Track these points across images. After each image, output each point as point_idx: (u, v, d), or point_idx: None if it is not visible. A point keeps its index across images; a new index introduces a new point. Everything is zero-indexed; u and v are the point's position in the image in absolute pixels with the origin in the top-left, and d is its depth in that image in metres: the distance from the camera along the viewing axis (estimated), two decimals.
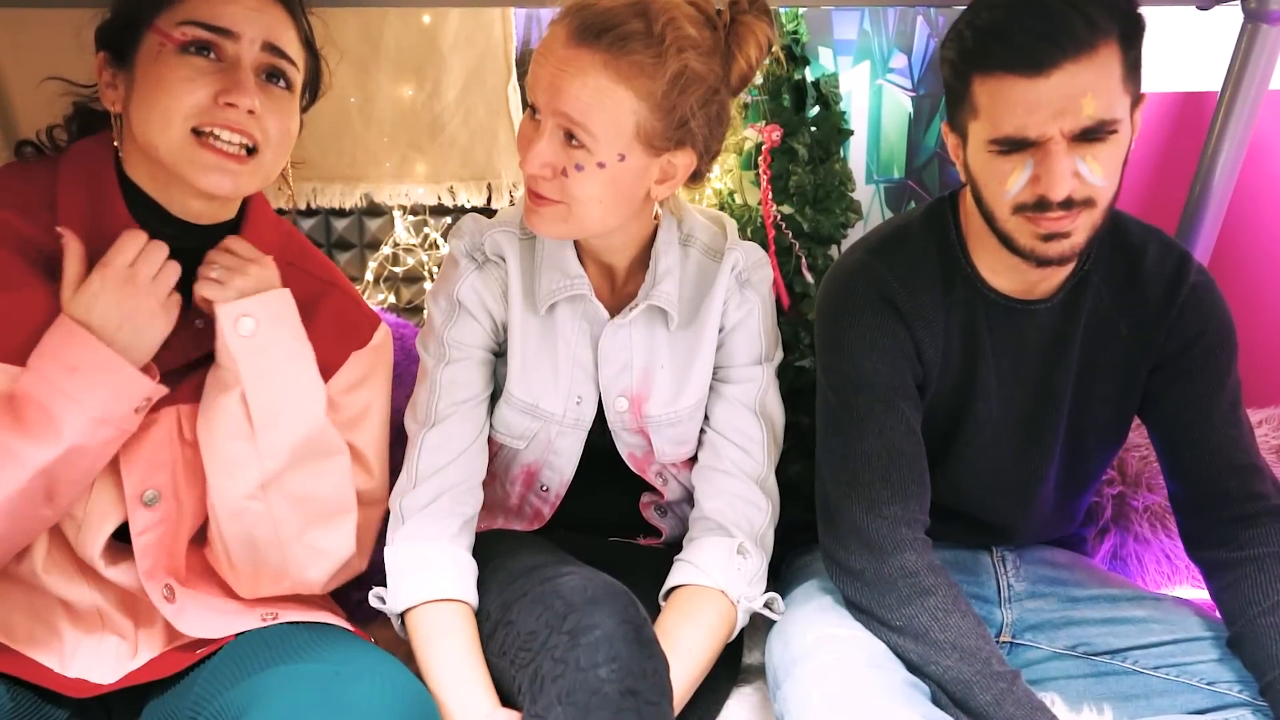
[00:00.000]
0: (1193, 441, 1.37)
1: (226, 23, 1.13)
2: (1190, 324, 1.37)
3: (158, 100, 1.12)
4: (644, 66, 1.18)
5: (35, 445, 1.06)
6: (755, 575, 1.36)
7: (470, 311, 1.37)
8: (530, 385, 1.39)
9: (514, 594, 1.24)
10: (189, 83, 1.11)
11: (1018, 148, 1.20)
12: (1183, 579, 1.72)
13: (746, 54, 1.26)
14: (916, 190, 2.11)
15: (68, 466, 1.08)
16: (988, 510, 1.47)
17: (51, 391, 1.06)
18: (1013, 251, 1.27)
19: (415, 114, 1.89)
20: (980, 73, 1.20)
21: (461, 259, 1.38)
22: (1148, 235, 1.40)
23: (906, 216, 1.44)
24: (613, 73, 1.18)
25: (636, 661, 1.09)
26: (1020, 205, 1.23)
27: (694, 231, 1.42)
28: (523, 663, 1.15)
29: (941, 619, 1.25)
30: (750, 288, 1.42)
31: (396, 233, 1.98)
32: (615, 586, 1.17)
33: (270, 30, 1.16)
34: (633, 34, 1.18)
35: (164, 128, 1.12)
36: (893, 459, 1.33)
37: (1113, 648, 1.37)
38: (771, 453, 1.42)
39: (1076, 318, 1.37)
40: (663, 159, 1.26)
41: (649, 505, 1.52)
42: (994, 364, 1.38)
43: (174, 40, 1.12)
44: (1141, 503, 1.74)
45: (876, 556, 1.30)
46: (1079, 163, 1.19)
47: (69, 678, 1.15)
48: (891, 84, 2.06)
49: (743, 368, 1.43)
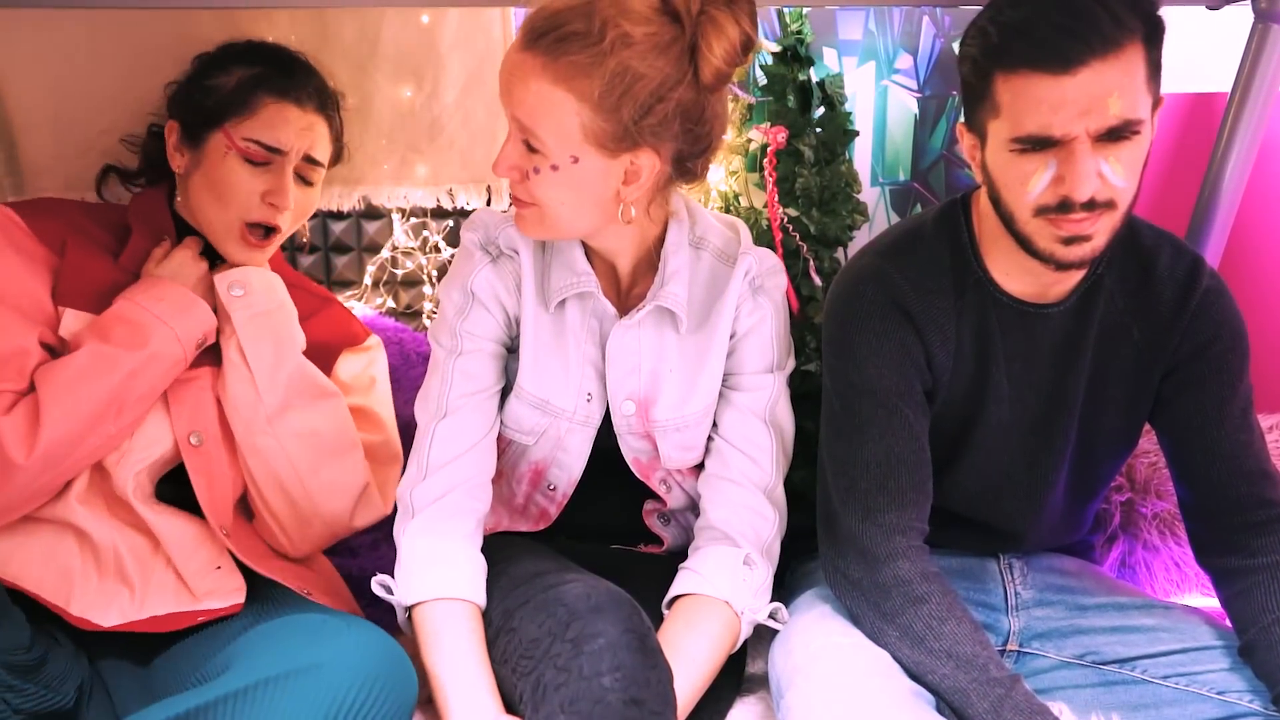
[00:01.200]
0: (1204, 447, 1.37)
1: (281, 144, 1.45)
2: (1203, 329, 1.37)
3: (219, 193, 1.45)
4: (581, 67, 1.19)
5: (127, 352, 1.35)
6: (761, 587, 1.36)
7: (484, 304, 1.38)
8: (542, 380, 1.39)
9: (516, 601, 1.24)
10: (245, 186, 1.44)
11: (1041, 147, 1.20)
12: (1192, 587, 1.72)
13: (714, 50, 1.21)
14: (922, 193, 2.10)
15: (142, 377, 1.36)
16: (996, 516, 1.47)
17: (141, 313, 1.38)
18: (1031, 254, 1.27)
19: (414, 115, 1.89)
20: (1004, 70, 1.20)
21: (476, 251, 1.39)
22: (1161, 239, 1.39)
23: (918, 219, 1.44)
24: (551, 75, 1.20)
25: (640, 671, 1.09)
26: (1042, 207, 1.22)
27: (707, 235, 1.42)
28: (525, 670, 1.15)
29: (936, 627, 1.25)
30: (764, 294, 1.42)
31: (395, 236, 1.98)
32: (619, 594, 1.17)
33: (311, 145, 1.48)
34: (570, 35, 1.19)
35: (219, 214, 1.46)
36: (892, 466, 1.33)
37: (1121, 657, 1.37)
38: (780, 463, 1.42)
39: (1089, 322, 1.37)
40: (622, 160, 1.25)
41: (652, 513, 1.52)
42: (1005, 368, 1.38)
43: (238, 149, 1.44)
44: (1150, 509, 1.74)
45: (871, 565, 1.30)
46: (1102, 163, 1.19)
47: (74, 614, 1.33)
48: (897, 85, 2.06)
49: (753, 375, 1.42)
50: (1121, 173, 1.20)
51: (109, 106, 1.68)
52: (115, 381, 1.34)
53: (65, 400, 1.32)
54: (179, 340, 1.39)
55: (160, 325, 1.38)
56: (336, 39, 1.82)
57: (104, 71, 1.70)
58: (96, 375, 1.33)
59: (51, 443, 1.30)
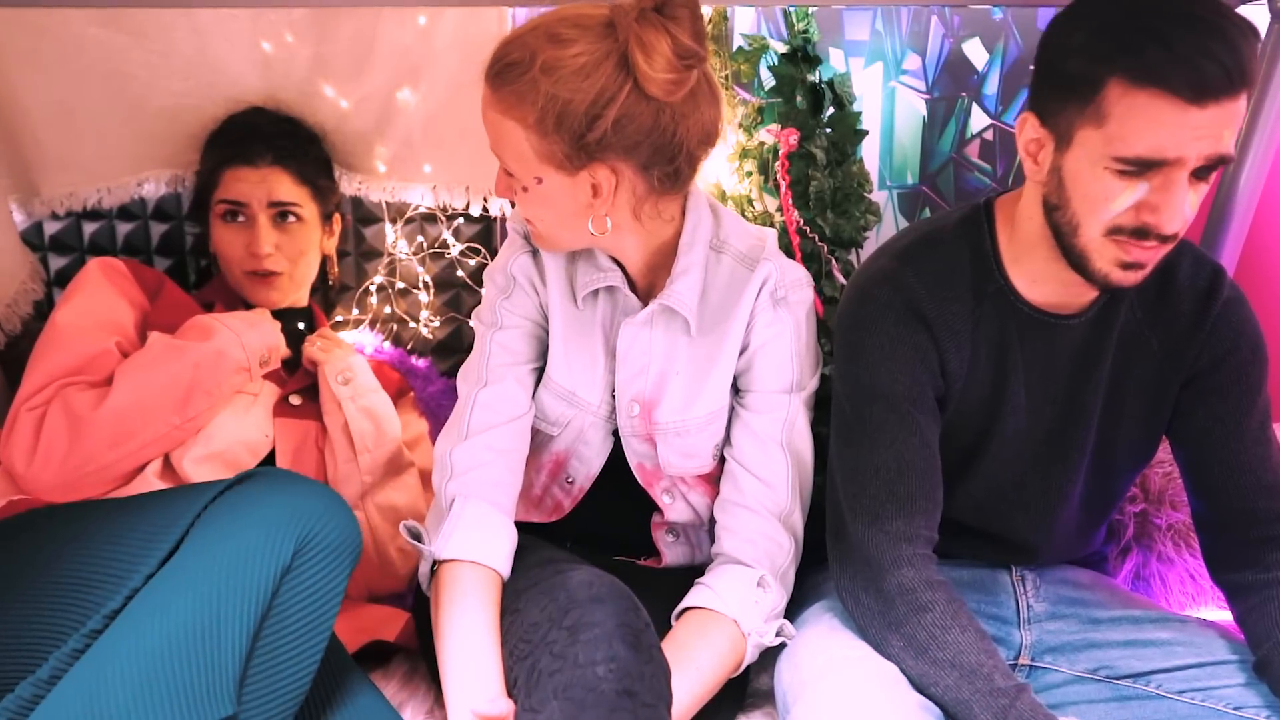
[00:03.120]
0: (1221, 459, 1.37)
1: (240, 197, 1.73)
2: (1222, 340, 1.36)
3: (220, 254, 1.77)
4: (520, 95, 1.25)
5: (194, 344, 1.59)
6: (771, 611, 1.36)
7: (523, 286, 1.44)
8: (571, 372, 1.43)
9: (527, 582, 1.28)
10: (230, 244, 1.74)
11: (1144, 170, 1.15)
12: (1208, 600, 1.72)
13: (649, 62, 1.22)
14: (930, 197, 2.10)
15: (205, 369, 1.58)
16: (1008, 528, 1.47)
17: (212, 320, 1.64)
18: (1079, 270, 1.25)
19: (409, 116, 1.89)
20: (1128, 78, 1.12)
21: (518, 239, 1.47)
22: (1181, 249, 1.38)
23: (939, 221, 1.43)
24: (499, 106, 1.28)
25: (635, 664, 1.10)
26: (1117, 228, 1.19)
27: (729, 239, 1.43)
28: (521, 654, 1.18)
29: (939, 635, 1.25)
30: (785, 307, 1.42)
31: (389, 241, 1.99)
32: (620, 588, 1.19)
33: (271, 192, 1.74)
34: (509, 66, 1.25)
35: (227, 269, 1.77)
36: (901, 473, 1.33)
37: (1136, 671, 1.36)
38: (797, 488, 1.42)
39: (1108, 332, 1.37)
40: (582, 176, 1.29)
41: (660, 526, 1.52)
42: (1022, 378, 1.38)
43: (216, 213, 1.76)
44: (1165, 521, 1.74)
45: (875, 572, 1.30)
46: (1189, 195, 1.17)
47: None
48: (905, 86, 2.06)
49: (769, 394, 1.42)
50: (1195, 206, 1.18)
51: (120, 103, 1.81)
52: (179, 368, 1.56)
53: (134, 376, 1.54)
54: (243, 346, 1.62)
55: (226, 329, 1.62)
56: (333, 38, 1.83)
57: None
58: (164, 360, 1.56)
59: (117, 408, 1.50)
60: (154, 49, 1.78)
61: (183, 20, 1.77)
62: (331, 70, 1.85)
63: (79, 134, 1.81)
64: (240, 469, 1.57)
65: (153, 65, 1.79)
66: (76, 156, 1.83)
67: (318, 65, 1.84)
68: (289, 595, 1.09)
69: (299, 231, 1.77)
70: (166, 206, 1.92)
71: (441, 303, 2.03)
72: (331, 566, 1.12)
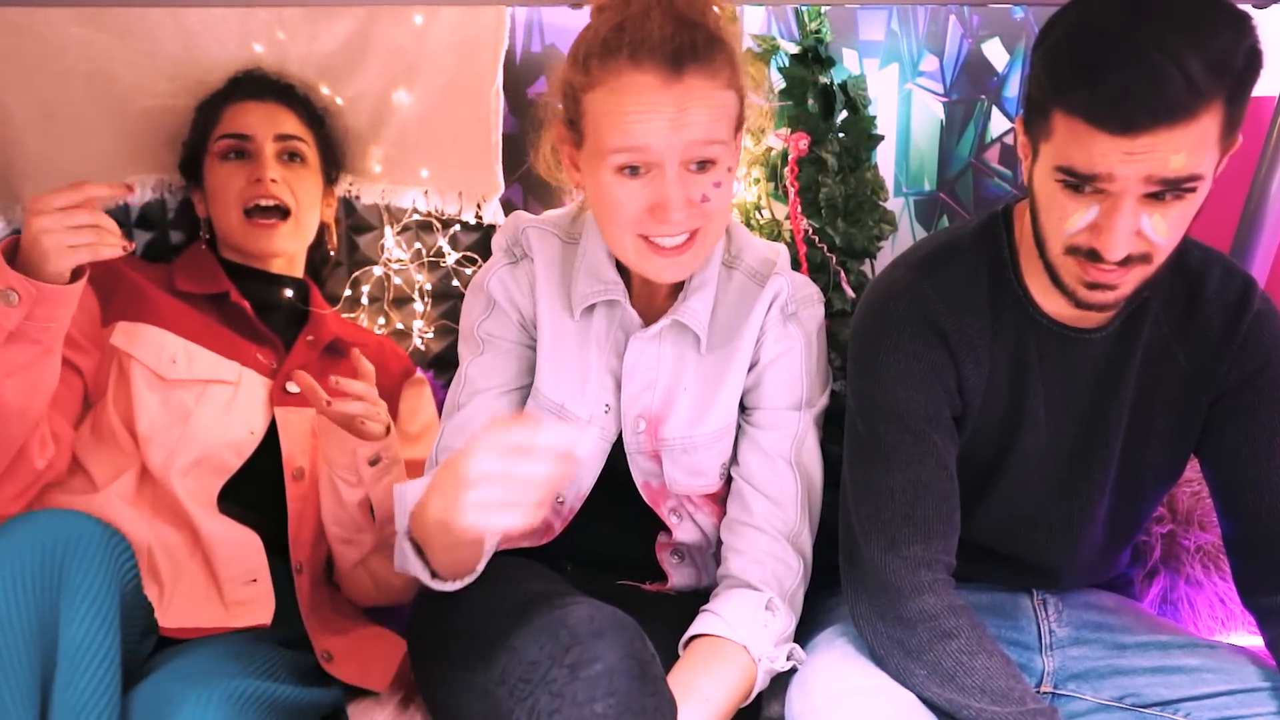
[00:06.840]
0: (1252, 480, 1.37)
1: (245, 129, 1.70)
2: (1253, 355, 1.37)
3: (216, 198, 1.72)
4: (728, 58, 1.32)
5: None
6: (781, 635, 1.37)
7: (499, 304, 1.44)
8: (559, 386, 1.43)
9: (521, 619, 1.26)
10: (230, 180, 1.69)
11: (1085, 184, 1.18)
12: (1238, 625, 1.72)
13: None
14: (948, 204, 2.10)
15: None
16: (1030, 550, 1.47)
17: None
18: (1055, 285, 1.28)
19: (403, 118, 1.90)
20: (1062, 109, 1.17)
21: (499, 252, 1.47)
22: (1209, 260, 1.39)
23: (956, 231, 1.44)
24: (710, 82, 1.29)
25: (637, 698, 1.11)
26: (1074, 247, 1.22)
27: (742, 254, 1.45)
28: (521, 695, 1.17)
29: (966, 662, 1.25)
30: (795, 323, 1.44)
31: (387, 246, 1.99)
32: (623, 619, 1.19)
33: (277, 125, 1.72)
34: (702, 41, 1.28)
35: (223, 215, 1.71)
36: (918, 495, 1.33)
37: (1164, 699, 1.37)
38: (805, 507, 1.43)
39: (1133, 347, 1.37)
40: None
41: (665, 547, 1.53)
42: (1042, 394, 1.39)
43: (216, 151, 1.71)
44: (1193, 542, 1.74)
45: (894, 599, 1.31)
46: (1144, 219, 1.18)
47: None
48: (922, 88, 2.06)
49: (778, 411, 1.44)
50: (1164, 230, 1.19)
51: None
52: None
53: None
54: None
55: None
56: (328, 37, 1.84)
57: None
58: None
59: None
60: (139, 48, 1.78)
61: (168, 19, 1.76)
62: (325, 70, 1.86)
63: (60, 137, 1.80)
64: (227, 473, 1.56)
65: (138, 65, 1.79)
66: (58, 160, 1.80)
67: (310, 64, 1.85)
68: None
69: (304, 174, 1.74)
70: (150, 214, 1.91)
71: (438, 314, 2.03)
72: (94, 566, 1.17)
